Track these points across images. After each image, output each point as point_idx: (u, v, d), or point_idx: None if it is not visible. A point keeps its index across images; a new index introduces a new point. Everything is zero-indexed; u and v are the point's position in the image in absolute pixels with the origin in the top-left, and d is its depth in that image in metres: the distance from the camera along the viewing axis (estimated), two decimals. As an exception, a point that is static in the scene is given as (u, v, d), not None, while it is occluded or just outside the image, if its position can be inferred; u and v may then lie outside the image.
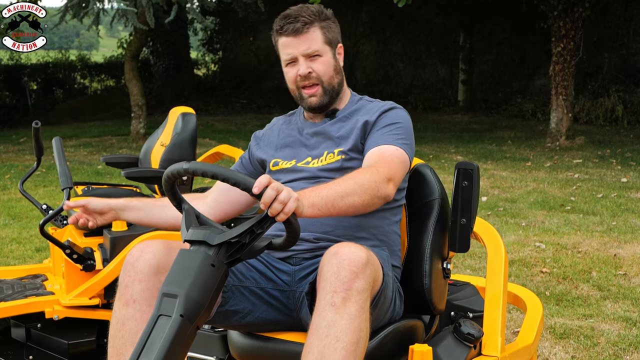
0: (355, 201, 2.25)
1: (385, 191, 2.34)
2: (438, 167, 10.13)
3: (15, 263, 5.72)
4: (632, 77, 15.87)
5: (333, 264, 2.12)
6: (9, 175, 10.28)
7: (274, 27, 2.61)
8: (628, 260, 5.62)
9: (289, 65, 2.61)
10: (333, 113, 2.67)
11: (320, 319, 2.08)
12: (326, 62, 2.60)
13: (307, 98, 2.61)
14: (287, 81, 2.65)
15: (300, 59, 2.57)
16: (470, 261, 5.57)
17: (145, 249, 2.28)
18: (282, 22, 2.58)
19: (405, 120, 2.60)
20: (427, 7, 18.28)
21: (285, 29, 2.56)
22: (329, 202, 2.18)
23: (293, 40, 2.56)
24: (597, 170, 9.95)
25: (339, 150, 2.57)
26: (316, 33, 2.58)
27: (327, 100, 2.63)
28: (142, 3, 11.89)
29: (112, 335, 2.24)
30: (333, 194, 2.20)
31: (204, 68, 23.29)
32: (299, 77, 2.58)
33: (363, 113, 2.63)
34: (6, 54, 20.24)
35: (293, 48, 2.57)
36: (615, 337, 4.14)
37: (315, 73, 2.58)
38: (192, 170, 2.11)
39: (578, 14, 11.96)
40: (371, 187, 2.29)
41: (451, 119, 16.79)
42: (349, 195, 2.23)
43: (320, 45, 2.58)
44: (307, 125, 2.70)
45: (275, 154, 2.70)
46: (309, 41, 2.56)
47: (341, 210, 2.23)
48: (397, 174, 2.45)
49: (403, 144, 2.52)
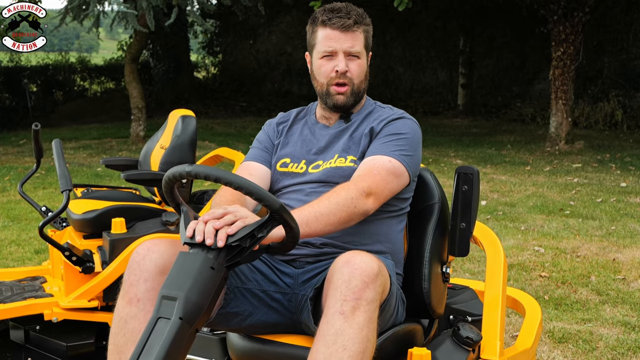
0: (331, 220, 2.26)
1: (363, 207, 2.34)
2: (437, 171, 10.13)
3: (14, 265, 5.71)
4: (631, 82, 15.88)
5: (344, 272, 2.11)
6: (9, 177, 10.27)
7: (318, 17, 2.58)
8: (627, 265, 5.62)
9: (325, 58, 2.58)
10: (347, 116, 2.66)
11: (328, 326, 2.07)
12: (362, 65, 2.60)
13: (335, 95, 2.59)
14: (316, 74, 2.62)
15: (340, 55, 2.55)
16: (470, 265, 5.57)
17: (152, 248, 2.26)
18: (330, 15, 2.56)
19: (411, 131, 2.59)
20: (428, 11, 18.30)
21: (334, 22, 2.54)
22: (302, 223, 2.18)
23: (339, 35, 2.54)
24: (596, 174, 9.96)
25: (351, 158, 2.57)
26: (361, 35, 2.58)
27: (352, 102, 2.62)
28: (142, 5, 11.89)
29: (114, 333, 2.23)
30: (306, 215, 2.22)
31: (203, 71, 23.32)
32: (336, 72, 2.56)
33: (372, 120, 2.62)
34: (6, 56, 20.25)
35: (337, 42, 2.55)
36: (614, 341, 4.14)
37: (350, 73, 2.57)
38: (194, 173, 2.10)
39: (578, 18, 11.97)
40: (347, 205, 2.30)
41: (451, 122, 16.80)
42: (324, 215, 2.25)
43: (361, 47, 2.58)
44: (320, 127, 2.68)
45: (285, 151, 2.68)
46: (354, 40, 2.56)
47: (317, 230, 2.25)
48: (381, 187, 2.42)
49: (400, 155, 2.50)
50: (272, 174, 2.68)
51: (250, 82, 21.32)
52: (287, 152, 2.67)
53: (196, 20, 13.68)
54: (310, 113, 2.76)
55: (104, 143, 14.11)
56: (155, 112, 17.43)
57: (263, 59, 21.46)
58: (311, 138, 2.67)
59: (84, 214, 4.12)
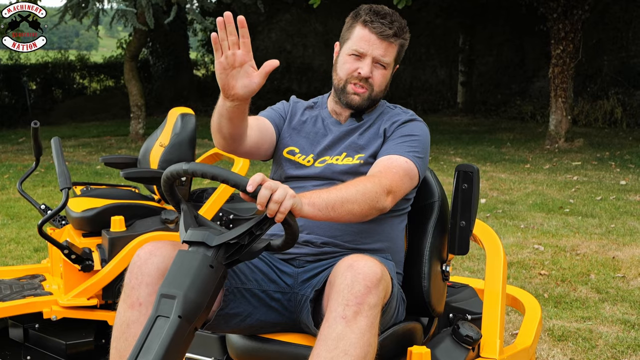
0: (354, 209, 2.24)
1: (383, 203, 2.33)
2: (437, 169, 10.13)
3: (14, 263, 5.71)
4: (631, 80, 15.88)
5: (347, 277, 2.10)
6: (8, 175, 10.27)
7: (361, 14, 2.55)
8: (626, 263, 5.62)
9: (353, 57, 2.55)
10: (360, 115, 2.65)
11: (330, 330, 2.06)
12: (385, 75, 2.58)
13: (351, 94, 2.57)
14: (339, 69, 2.59)
15: (367, 60, 2.53)
16: (469, 263, 5.57)
17: (154, 252, 2.25)
18: (374, 17, 2.53)
19: (423, 133, 2.59)
20: (427, 9, 18.29)
21: (375, 25, 2.51)
22: (329, 204, 2.17)
23: (375, 40, 2.52)
24: (596, 172, 9.96)
25: (358, 156, 2.56)
26: (395, 47, 2.56)
27: (366, 106, 2.61)
28: (141, 3, 11.89)
29: (116, 337, 2.22)
30: (334, 198, 2.19)
31: (203, 69, 23.30)
32: (358, 74, 2.54)
33: (385, 120, 2.62)
34: (5, 54, 20.24)
35: (370, 46, 2.52)
36: (614, 339, 4.13)
37: (372, 80, 2.55)
38: (191, 171, 2.10)
39: (577, 16, 11.96)
40: (371, 198, 2.28)
41: (450, 120, 16.79)
42: (349, 202, 2.22)
43: (391, 59, 2.57)
44: (332, 122, 2.66)
45: (295, 139, 2.66)
46: (387, 50, 2.53)
47: (339, 215, 2.21)
48: (399, 186, 2.42)
49: (415, 157, 2.50)
50: (278, 156, 2.66)
51: (250, 80, 21.29)
52: (297, 142, 2.65)
53: (195, 18, 13.67)
54: (322, 106, 2.73)
55: (103, 141, 14.10)
56: (154, 110, 17.43)
57: (262, 57, 21.36)
58: (323, 132, 2.65)
59: (83, 212, 4.11)
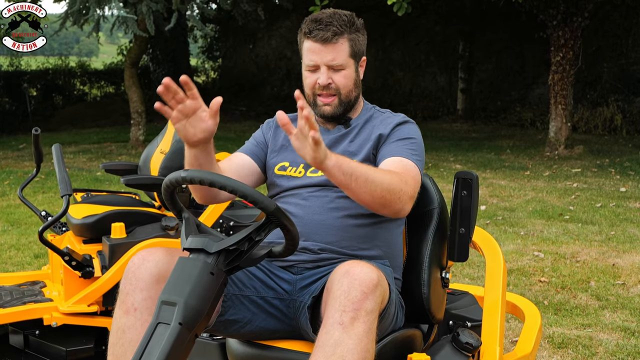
0: (375, 191, 2.22)
1: (403, 206, 2.32)
2: (437, 176, 10.14)
3: (14, 269, 5.72)
4: (631, 87, 15.89)
5: (344, 283, 2.10)
6: (8, 181, 10.27)
7: (303, 28, 2.55)
8: (626, 270, 5.62)
9: (310, 71, 2.55)
10: (347, 121, 2.64)
11: (327, 336, 2.06)
12: (348, 75, 2.55)
13: (322, 106, 2.57)
14: (304, 85, 2.60)
15: (322, 68, 2.51)
16: (469, 270, 5.57)
17: (147, 257, 2.26)
18: (311, 26, 2.51)
19: (418, 136, 2.59)
20: (427, 16, 18.31)
21: (314, 34, 2.49)
22: (354, 173, 2.16)
23: (319, 48, 2.50)
24: (595, 179, 9.96)
25: None
26: (344, 45, 2.51)
27: (342, 111, 2.59)
28: (142, 10, 11.91)
29: (112, 343, 2.22)
30: (361, 171, 2.19)
31: (203, 75, 23.34)
32: (318, 85, 2.53)
33: (376, 125, 2.61)
34: (6, 60, 20.26)
35: (318, 56, 2.50)
36: (614, 346, 4.13)
37: (334, 84, 2.53)
38: (190, 178, 2.11)
39: (577, 23, 11.98)
40: (395, 193, 2.27)
41: (450, 127, 16.80)
42: (374, 183, 2.21)
43: (345, 58, 2.52)
44: (320, 131, 2.67)
45: (284, 155, 2.66)
46: (335, 52, 2.50)
47: (357, 189, 2.20)
48: (416, 193, 2.42)
49: (417, 161, 2.50)
50: (270, 177, 2.66)
51: (250, 87, 21.34)
52: (286, 157, 2.65)
53: (196, 24, 13.69)
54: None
55: (103, 147, 14.11)
56: (154, 117, 17.41)
57: (262, 64, 21.47)
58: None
59: (84, 218, 4.12)
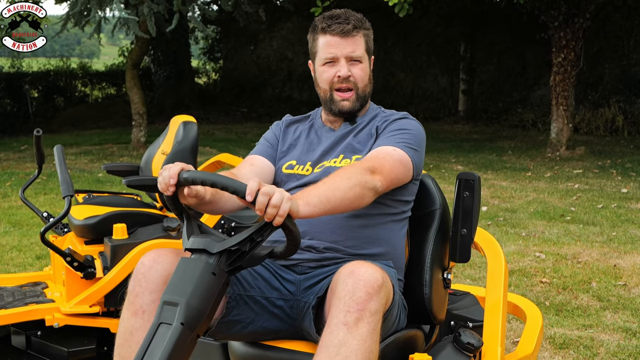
0: (347, 194, 2.21)
1: (372, 182, 2.30)
2: (438, 177, 10.14)
3: (16, 271, 5.72)
4: (632, 88, 15.89)
5: (348, 284, 2.11)
6: (10, 182, 10.28)
7: (318, 25, 2.61)
8: (628, 271, 5.62)
9: (327, 65, 2.60)
10: (353, 118, 2.67)
11: (331, 337, 2.07)
12: (364, 69, 2.61)
13: (340, 102, 2.61)
14: (319, 81, 2.64)
15: (342, 61, 2.57)
16: (470, 271, 5.57)
17: (157, 259, 2.26)
18: (329, 22, 2.58)
19: (415, 128, 2.60)
20: (428, 17, 18.33)
21: (333, 28, 2.56)
22: (322, 197, 2.15)
23: (339, 41, 2.56)
24: (597, 180, 9.96)
25: (356, 157, 2.58)
26: (361, 39, 2.60)
27: (358, 107, 2.63)
28: (143, 12, 11.92)
29: (119, 344, 2.23)
30: (325, 190, 2.18)
31: (204, 77, 23.35)
32: (338, 77, 2.58)
33: (378, 120, 2.65)
34: (7, 62, 20.28)
35: (337, 48, 2.57)
36: (615, 347, 4.13)
37: (353, 78, 2.59)
38: (190, 179, 2.11)
39: (579, 24, 11.98)
40: (357, 179, 2.26)
41: (452, 128, 16.81)
42: (339, 188, 2.21)
43: (362, 52, 2.60)
44: (326, 130, 2.70)
45: (292, 154, 2.69)
46: (354, 45, 2.58)
47: (336, 204, 2.19)
48: (385, 167, 2.39)
49: (405, 147, 2.50)
50: (278, 176, 2.68)
51: (251, 88, 21.35)
52: (294, 155, 2.69)
53: (197, 26, 13.70)
54: (316, 117, 2.78)
55: (105, 149, 14.12)
56: (156, 118, 17.44)
57: (264, 65, 21.48)
58: (317, 141, 2.69)
59: (86, 219, 4.12)
